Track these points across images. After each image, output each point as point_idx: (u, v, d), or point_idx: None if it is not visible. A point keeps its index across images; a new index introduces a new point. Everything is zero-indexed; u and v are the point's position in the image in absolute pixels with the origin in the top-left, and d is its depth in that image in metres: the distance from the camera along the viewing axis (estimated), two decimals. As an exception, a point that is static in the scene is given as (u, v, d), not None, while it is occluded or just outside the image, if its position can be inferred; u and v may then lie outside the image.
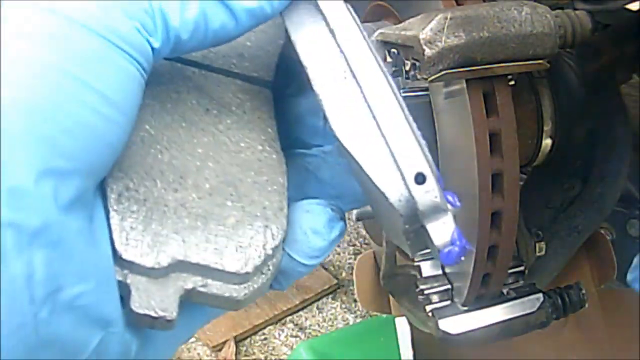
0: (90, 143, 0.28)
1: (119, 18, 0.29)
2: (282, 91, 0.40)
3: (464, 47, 0.42)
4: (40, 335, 0.27)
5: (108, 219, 0.30)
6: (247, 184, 0.35)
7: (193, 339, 1.53)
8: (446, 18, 0.42)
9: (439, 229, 0.30)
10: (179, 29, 0.31)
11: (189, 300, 0.32)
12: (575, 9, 0.49)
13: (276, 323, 1.62)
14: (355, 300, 1.63)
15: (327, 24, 0.33)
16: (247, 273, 0.32)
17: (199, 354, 1.54)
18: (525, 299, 0.56)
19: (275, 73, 0.40)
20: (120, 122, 0.30)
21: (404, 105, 0.31)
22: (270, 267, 0.33)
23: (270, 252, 0.33)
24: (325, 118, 0.41)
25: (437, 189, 0.30)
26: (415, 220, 0.30)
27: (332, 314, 1.65)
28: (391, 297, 0.88)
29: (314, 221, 0.35)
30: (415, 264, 0.62)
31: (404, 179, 0.30)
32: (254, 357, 1.56)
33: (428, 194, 0.30)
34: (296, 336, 1.59)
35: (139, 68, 0.30)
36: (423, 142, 0.31)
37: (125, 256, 0.30)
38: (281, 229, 0.33)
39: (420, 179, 0.30)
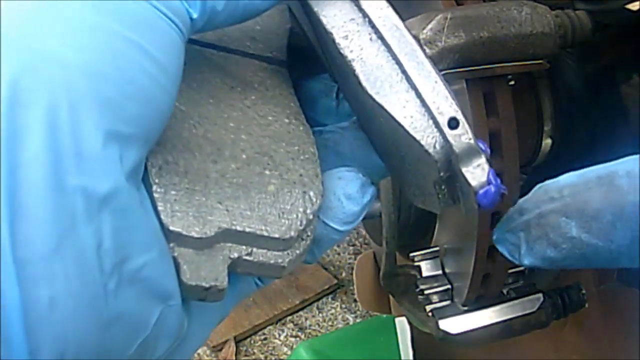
0: (147, 109, 0.28)
1: None
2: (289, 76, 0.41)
3: (464, 47, 0.42)
4: (110, 309, 0.26)
5: (149, 192, 0.30)
6: (281, 154, 0.35)
7: (193, 339, 1.53)
8: (446, 18, 0.42)
9: (474, 171, 0.30)
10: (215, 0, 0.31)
11: (234, 270, 0.32)
12: (575, 9, 0.49)
13: (276, 323, 1.62)
14: (355, 300, 1.63)
15: None
16: (291, 238, 0.33)
17: (199, 354, 1.54)
18: (525, 299, 0.56)
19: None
20: (170, 89, 0.29)
21: (429, 59, 0.32)
22: (309, 233, 0.34)
23: (310, 217, 0.34)
24: (337, 97, 0.42)
25: (470, 132, 0.31)
26: (448, 167, 0.31)
27: (332, 314, 1.65)
28: (391, 297, 0.88)
29: (348, 187, 0.36)
30: (415, 264, 0.62)
31: (437, 125, 0.31)
32: (254, 357, 1.56)
33: (462, 136, 0.30)
34: (296, 336, 1.60)
35: (181, 36, 0.30)
36: (451, 90, 0.32)
37: (172, 228, 0.30)
38: (319, 194, 0.34)
39: (453, 123, 0.31)
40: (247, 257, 0.32)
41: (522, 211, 0.33)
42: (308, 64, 0.42)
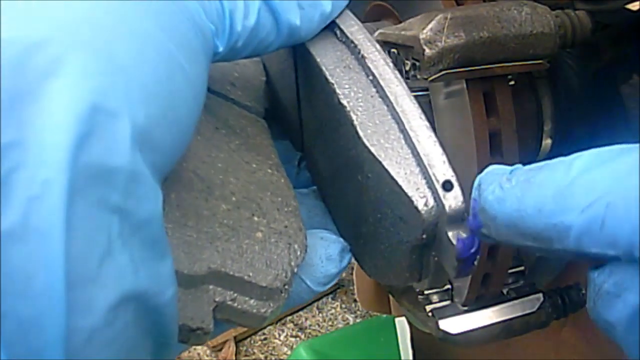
0: (176, 141, 0.27)
1: (202, 15, 0.29)
2: None
3: (464, 47, 0.42)
4: (130, 340, 0.24)
5: None
6: (267, 203, 0.35)
7: (193, 339, 1.53)
8: (446, 18, 0.42)
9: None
10: (240, 35, 0.31)
11: (214, 315, 0.31)
12: (575, 9, 0.49)
13: (276, 323, 1.61)
14: (355, 300, 1.63)
15: (355, 51, 0.35)
16: (276, 288, 0.32)
17: (199, 354, 1.54)
18: (525, 299, 0.56)
19: None
20: (196, 119, 0.28)
21: (429, 123, 0.33)
22: (288, 287, 0.33)
23: (295, 270, 0.33)
24: (299, 165, 0.42)
25: (462, 197, 0.31)
26: (432, 230, 0.31)
27: (332, 314, 1.64)
28: (391, 297, 0.88)
29: (330, 248, 0.36)
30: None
31: (430, 185, 0.31)
32: (254, 357, 1.56)
33: (455, 199, 0.30)
34: (296, 336, 1.59)
35: (207, 68, 0.29)
36: (447, 155, 0.32)
37: None
38: (303, 249, 0.34)
39: (448, 186, 0.31)
40: (231, 303, 0.31)
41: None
42: (270, 124, 0.42)
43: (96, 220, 0.22)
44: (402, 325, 1.06)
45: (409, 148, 0.32)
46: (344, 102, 0.33)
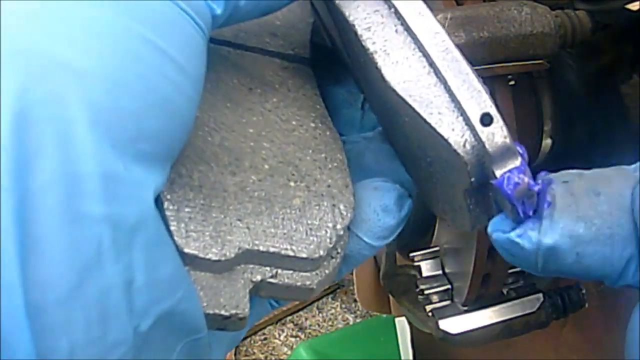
0: (170, 122, 0.25)
1: None
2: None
3: (464, 47, 0.42)
4: (138, 352, 0.23)
5: (161, 210, 0.27)
6: (306, 162, 0.32)
7: (193, 339, 1.53)
8: (446, 18, 0.42)
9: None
10: None
11: (257, 294, 0.29)
12: (575, 9, 0.49)
13: (276, 323, 1.61)
14: (355, 300, 1.63)
15: None
16: (320, 257, 0.30)
17: (199, 354, 1.54)
18: (525, 299, 0.56)
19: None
20: (193, 96, 0.26)
21: (460, 51, 0.29)
22: (339, 250, 0.31)
23: (341, 232, 0.31)
24: (363, 108, 0.39)
25: (506, 129, 0.27)
26: (481, 172, 0.27)
27: (332, 314, 1.64)
28: (391, 297, 0.88)
29: (385, 198, 0.33)
30: (415, 264, 0.62)
31: (468, 122, 0.27)
32: (254, 357, 1.56)
33: (497, 134, 0.27)
34: (296, 336, 1.59)
35: (203, 37, 0.27)
36: (486, 87, 0.28)
37: (187, 250, 0.27)
38: (350, 207, 0.31)
39: (487, 119, 0.27)
40: (272, 280, 0.29)
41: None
42: (332, 66, 0.39)
43: (70, 235, 0.21)
44: (402, 325, 1.06)
45: (441, 83, 0.28)
46: (366, 44, 0.30)
